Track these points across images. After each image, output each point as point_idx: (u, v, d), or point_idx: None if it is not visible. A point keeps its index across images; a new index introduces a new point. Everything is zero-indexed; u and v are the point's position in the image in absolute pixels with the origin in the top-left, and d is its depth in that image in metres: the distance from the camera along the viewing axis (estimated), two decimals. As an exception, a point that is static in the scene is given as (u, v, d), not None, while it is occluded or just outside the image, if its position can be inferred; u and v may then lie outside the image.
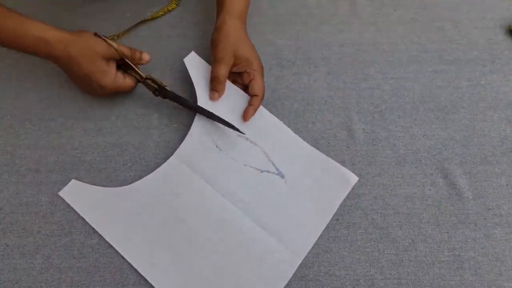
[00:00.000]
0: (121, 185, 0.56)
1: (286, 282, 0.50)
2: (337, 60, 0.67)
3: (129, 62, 0.57)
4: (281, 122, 0.61)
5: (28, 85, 0.65)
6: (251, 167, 0.57)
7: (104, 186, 0.56)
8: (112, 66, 0.56)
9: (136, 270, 0.51)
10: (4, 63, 0.68)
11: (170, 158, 0.58)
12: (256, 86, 0.58)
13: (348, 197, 0.56)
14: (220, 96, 0.59)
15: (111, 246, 0.53)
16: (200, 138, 0.59)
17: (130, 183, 0.57)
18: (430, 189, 0.56)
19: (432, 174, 0.57)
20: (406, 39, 0.69)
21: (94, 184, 0.56)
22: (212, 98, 0.59)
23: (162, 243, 0.52)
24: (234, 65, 0.58)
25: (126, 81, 0.58)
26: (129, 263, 0.52)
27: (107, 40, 0.55)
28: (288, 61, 0.67)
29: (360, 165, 0.58)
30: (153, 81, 0.58)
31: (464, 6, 0.73)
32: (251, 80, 0.58)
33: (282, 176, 0.57)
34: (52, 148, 0.60)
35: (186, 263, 0.51)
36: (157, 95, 0.59)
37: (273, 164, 0.57)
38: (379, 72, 0.66)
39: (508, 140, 0.60)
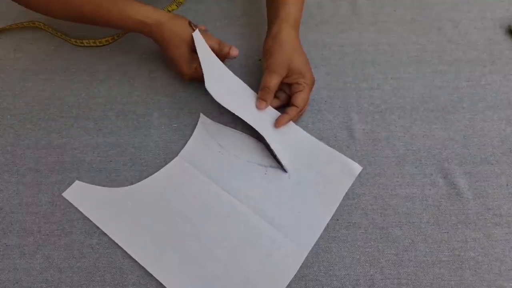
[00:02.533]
0: (121, 185, 0.57)
1: (293, 275, 0.50)
2: (337, 60, 0.67)
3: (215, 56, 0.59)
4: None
5: (28, 85, 0.65)
6: (254, 163, 0.57)
7: (104, 186, 0.56)
8: (196, 57, 0.58)
9: (136, 270, 0.51)
10: (4, 63, 0.68)
11: (175, 158, 0.58)
12: (299, 99, 0.57)
13: (348, 197, 0.56)
14: (267, 105, 0.58)
15: (111, 246, 0.53)
16: (203, 139, 0.59)
17: (131, 183, 0.57)
18: (430, 189, 0.56)
19: (432, 174, 0.57)
20: (406, 39, 0.69)
21: (94, 184, 0.56)
22: (259, 107, 0.58)
23: (169, 241, 0.53)
24: (286, 76, 0.57)
25: None
26: (129, 263, 0.52)
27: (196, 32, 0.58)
28: (288, 61, 0.67)
29: (360, 165, 0.57)
30: None
31: (464, 6, 0.73)
32: (298, 91, 0.58)
33: (286, 171, 0.57)
34: (52, 148, 0.60)
35: (194, 260, 0.51)
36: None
37: (275, 159, 0.57)
38: (379, 72, 0.66)
39: (508, 140, 0.60)
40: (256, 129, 0.56)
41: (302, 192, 0.56)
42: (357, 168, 0.57)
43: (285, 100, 0.60)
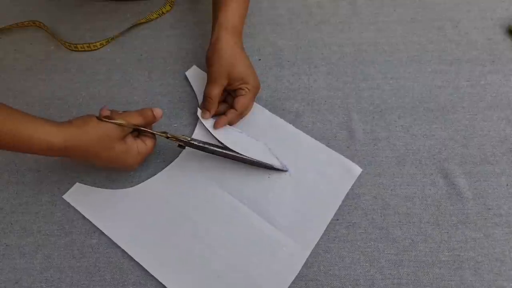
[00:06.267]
0: (121, 185, 0.56)
1: (295, 274, 0.51)
2: (337, 60, 0.67)
3: (145, 129, 0.53)
4: (283, 120, 0.61)
5: (28, 85, 0.65)
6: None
7: (104, 186, 0.56)
8: (130, 141, 0.51)
9: (136, 270, 0.51)
10: (4, 63, 0.68)
11: (175, 159, 0.58)
12: (240, 102, 0.57)
13: (348, 197, 0.56)
14: (211, 114, 0.58)
15: (111, 246, 0.53)
16: (204, 138, 0.59)
17: (131, 182, 0.57)
18: (430, 189, 0.56)
19: (432, 174, 0.57)
20: (406, 39, 0.69)
21: (95, 184, 0.56)
22: (203, 116, 0.58)
23: (171, 242, 0.53)
24: (228, 85, 0.57)
25: (148, 144, 0.53)
26: (129, 263, 0.52)
27: (114, 122, 0.49)
28: (288, 61, 0.67)
29: (360, 165, 0.57)
30: (176, 138, 0.54)
31: (464, 6, 0.73)
32: (239, 96, 0.57)
33: (287, 171, 0.57)
34: (52, 148, 0.60)
35: (196, 260, 0.51)
36: (183, 148, 0.56)
37: (277, 159, 0.57)
38: (379, 72, 0.66)
39: (508, 140, 0.60)
40: (257, 135, 0.58)
41: (303, 193, 0.56)
42: (357, 169, 0.57)
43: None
